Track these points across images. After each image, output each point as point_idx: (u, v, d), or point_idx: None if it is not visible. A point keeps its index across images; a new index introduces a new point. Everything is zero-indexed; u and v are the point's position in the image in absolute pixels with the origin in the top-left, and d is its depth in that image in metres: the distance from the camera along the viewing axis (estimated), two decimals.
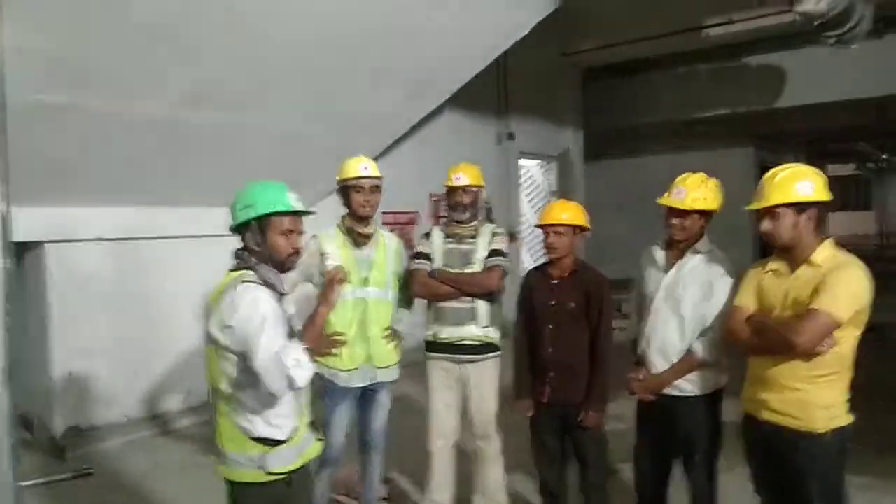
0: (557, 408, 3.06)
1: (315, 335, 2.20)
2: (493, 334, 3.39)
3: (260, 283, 2.11)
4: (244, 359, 2.04)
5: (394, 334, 3.34)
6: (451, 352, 3.38)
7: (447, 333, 3.36)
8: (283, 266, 2.20)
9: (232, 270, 2.19)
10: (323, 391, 3.19)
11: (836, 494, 2.40)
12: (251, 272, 2.13)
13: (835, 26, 6.17)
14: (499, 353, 3.43)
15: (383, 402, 3.36)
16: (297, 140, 5.34)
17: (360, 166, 3.17)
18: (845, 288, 2.27)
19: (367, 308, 3.21)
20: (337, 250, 3.20)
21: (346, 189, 3.19)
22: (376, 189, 3.21)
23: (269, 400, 2.09)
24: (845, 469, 2.42)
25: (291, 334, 2.14)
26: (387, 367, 3.31)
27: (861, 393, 2.44)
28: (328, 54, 4.62)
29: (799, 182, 2.36)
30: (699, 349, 2.79)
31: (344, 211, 3.28)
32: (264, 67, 4.44)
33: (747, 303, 2.54)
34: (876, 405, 4.92)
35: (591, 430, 3.00)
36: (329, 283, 2.28)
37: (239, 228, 2.18)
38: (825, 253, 2.36)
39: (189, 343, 5.36)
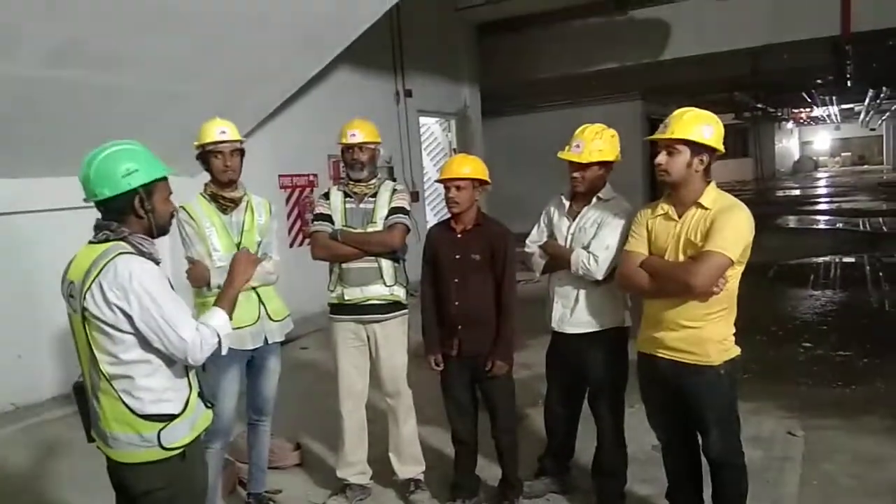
0: (466, 360, 3.09)
1: (229, 312, 2.17)
2: (399, 292, 3.35)
3: (137, 255, 1.98)
4: (140, 336, 1.93)
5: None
6: (357, 313, 3.32)
7: (352, 294, 3.30)
8: (164, 231, 2.11)
9: (96, 243, 2.01)
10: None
11: (730, 420, 2.56)
12: (123, 243, 1.99)
13: None
14: (405, 310, 3.41)
15: (274, 367, 3.27)
16: (175, 100, 4.96)
17: (217, 130, 3.02)
18: (734, 228, 2.37)
19: None
20: (205, 217, 3.07)
21: (206, 154, 3.04)
22: (237, 153, 3.07)
23: (163, 374, 2.01)
24: (737, 396, 2.58)
25: None
26: (282, 319, 3.22)
27: (738, 326, 2.56)
28: (206, 3, 4.30)
29: (702, 125, 2.43)
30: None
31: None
32: (135, 19, 4.07)
33: (639, 248, 2.60)
34: (753, 338, 5.35)
35: (499, 379, 3.06)
36: (237, 263, 2.24)
37: (114, 198, 1.99)
38: (712, 195, 2.46)
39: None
